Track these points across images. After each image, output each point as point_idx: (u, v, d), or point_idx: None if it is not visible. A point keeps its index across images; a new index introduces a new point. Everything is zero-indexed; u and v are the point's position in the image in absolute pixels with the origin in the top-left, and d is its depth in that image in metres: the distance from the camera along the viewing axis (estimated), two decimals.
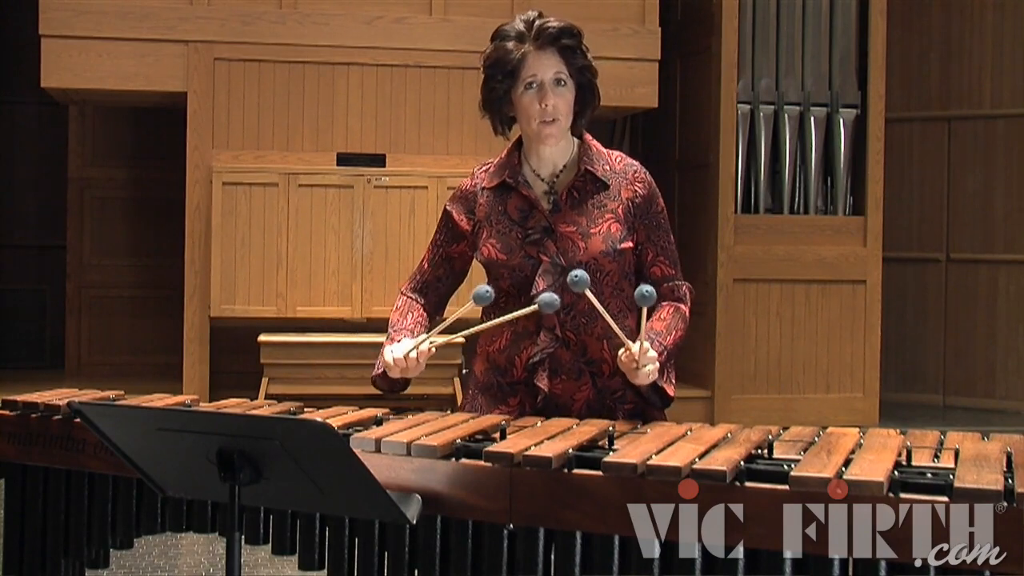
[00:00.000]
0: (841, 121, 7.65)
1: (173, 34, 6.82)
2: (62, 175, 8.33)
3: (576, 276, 2.31)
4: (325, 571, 2.24)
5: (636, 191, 2.56)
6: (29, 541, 2.58)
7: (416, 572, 2.13)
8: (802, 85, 7.68)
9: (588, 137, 2.63)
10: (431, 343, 2.47)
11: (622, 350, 2.40)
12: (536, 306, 2.36)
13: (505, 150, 2.63)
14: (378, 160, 6.98)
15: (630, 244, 2.53)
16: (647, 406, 2.53)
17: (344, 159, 6.95)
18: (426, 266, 2.69)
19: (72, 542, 2.53)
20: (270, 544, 2.30)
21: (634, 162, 2.62)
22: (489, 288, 2.42)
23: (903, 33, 8.56)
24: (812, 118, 7.64)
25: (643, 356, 2.38)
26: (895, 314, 8.49)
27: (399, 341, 2.52)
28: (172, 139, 7.47)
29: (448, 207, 2.65)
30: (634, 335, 2.40)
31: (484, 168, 2.65)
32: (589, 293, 2.35)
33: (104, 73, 6.78)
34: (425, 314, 2.64)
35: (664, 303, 2.57)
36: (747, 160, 7.62)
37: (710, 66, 7.61)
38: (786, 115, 7.60)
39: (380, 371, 2.54)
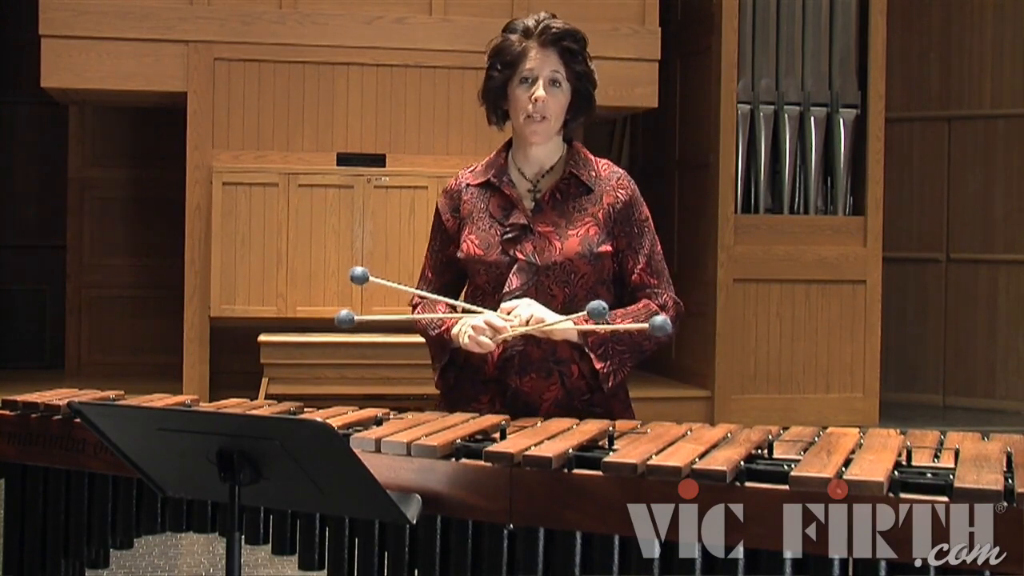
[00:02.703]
0: (841, 121, 7.65)
1: (173, 34, 6.81)
2: (62, 175, 8.32)
3: (597, 307, 2.28)
4: (325, 571, 2.24)
5: (618, 197, 2.56)
6: (29, 541, 2.58)
7: (416, 572, 2.13)
8: (802, 85, 7.67)
9: (578, 144, 2.64)
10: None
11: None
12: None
13: (495, 150, 2.65)
14: (378, 160, 6.97)
15: (608, 248, 2.53)
16: (614, 411, 2.52)
17: (344, 159, 6.95)
18: (430, 275, 2.67)
19: (72, 542, 2.53)
20: (270, 544, 2.30)
21: (619, 170, 2.63)
22: (351, 314, 2.44)
23: (903, 33, 8.55)
24: (812, 118, 7.63)
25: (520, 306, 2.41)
26: (895, 314, 8.49)
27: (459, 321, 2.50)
28: (172, 139, 7.47)
29: (437, 207, 2.66)
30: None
31: (471, 169, 2.67)
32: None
33: (104, 73, 6.78)
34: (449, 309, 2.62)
35: (641, 302, 2.54)
36: (747, 160, 7.61)
37: (710, 66, 7.60)
38: (786, 115, 7.60)
39: (445, 361, 2.59)
